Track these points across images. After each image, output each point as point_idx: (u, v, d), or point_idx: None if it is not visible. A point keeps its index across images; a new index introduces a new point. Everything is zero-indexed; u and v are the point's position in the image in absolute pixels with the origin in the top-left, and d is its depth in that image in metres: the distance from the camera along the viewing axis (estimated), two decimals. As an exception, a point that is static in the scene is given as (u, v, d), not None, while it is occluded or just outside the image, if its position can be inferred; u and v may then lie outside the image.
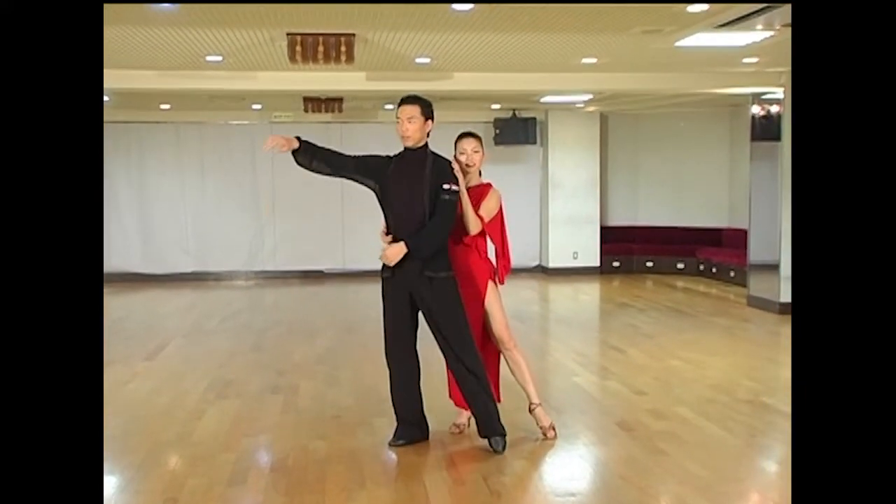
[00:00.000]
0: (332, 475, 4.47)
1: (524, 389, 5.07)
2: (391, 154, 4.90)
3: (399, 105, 4.83)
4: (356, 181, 4.90)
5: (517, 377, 5.08)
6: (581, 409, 5.82)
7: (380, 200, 4.86)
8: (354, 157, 4.89)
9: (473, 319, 4.86)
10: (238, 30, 6.53)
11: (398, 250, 4.65)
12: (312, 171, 4.85)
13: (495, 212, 5.02)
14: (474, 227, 4.89)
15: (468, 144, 5.00)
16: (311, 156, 4.79)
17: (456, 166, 4.86)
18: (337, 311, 10.66)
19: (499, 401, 4.99)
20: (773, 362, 7.47)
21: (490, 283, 4.99)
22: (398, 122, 4.79)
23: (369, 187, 4.88)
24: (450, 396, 5.15)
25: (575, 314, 10.62)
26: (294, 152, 4.77)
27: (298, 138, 4.78)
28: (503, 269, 5.14)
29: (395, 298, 4.83)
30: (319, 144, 4.86)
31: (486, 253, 5.05)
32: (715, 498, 4.14)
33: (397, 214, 4.76)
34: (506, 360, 5.08)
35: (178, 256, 13.43)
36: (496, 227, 5.07)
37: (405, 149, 4.83)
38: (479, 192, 4.99)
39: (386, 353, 4.95)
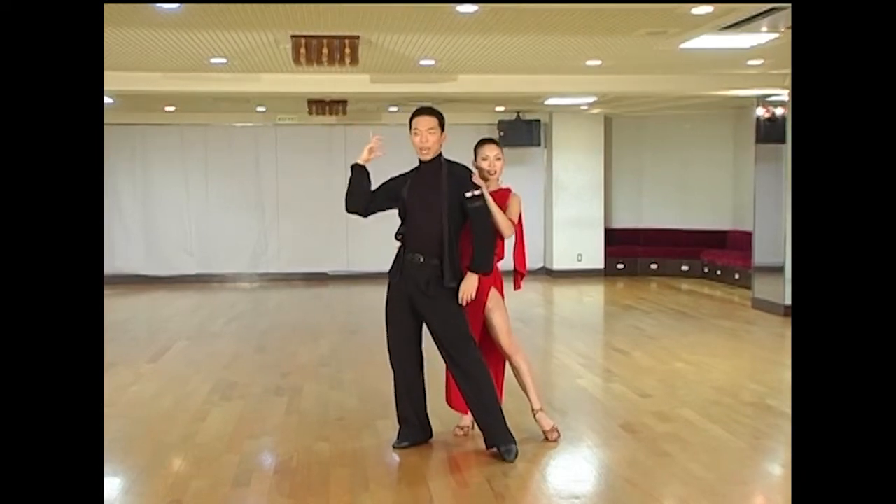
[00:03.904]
0: (335, 477, 4.47)
1: (526, 395, 5.07)
2: (405, 172, 4.88)
3: (415, 116, 4.77)
4: (388, 209, 4.92)
5: (519, 382, 5.07)
6: (585, 412, 5.81)
7: (401, 217, 4.84)
8: (378, 188, 4.91)
9: (474, 324, 4.84)
10: (242, 32, 6.54)
11: (472, 283, 4.68)
12: (352, 211, 5.01)
13: (517, 216, 5.03)
14: (507, 230, 4.90)
15: (491, 151, 4.99)
16: (358, 191, 4.88)
17: (475, 172, 4.85)
18: (341, 313, 10.67)
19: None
20: (777, 365, 7.45)
21: (492, 291, 4.93)
22: (415, 134, 4.73)
23: (397, 209, 4.88)
24: (447, 402, 5.14)
25: (579, 316, 10.60)
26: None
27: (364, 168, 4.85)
28: (520, 276, 5.17)
29: (398, 302, 4.83)
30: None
31: (498, 259, 5.01)
32: (719, 500, 4.13)
33: (415, 227, 4.72)
34: (510, 364, 5.08)
35: (181, 258, 13.45)
36: (518, 230, 5.08)
37: (421, 162, 4.80)
38: (500, 198, 4.96)
39: (389, 355, 4.95)
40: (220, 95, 10.32)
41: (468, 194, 4.68)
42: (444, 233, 4.64)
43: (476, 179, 4.78)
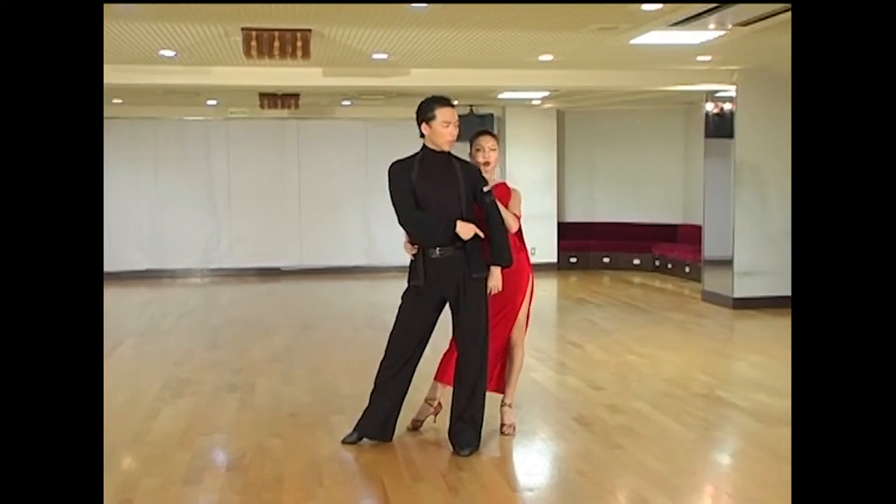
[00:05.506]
0: (289, 474, 4.44)
1: (505, 386, 5.15)
2: (401, 159, 4.79)
3: (445, 106, 4.70)
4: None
5: (505, 372, 5.16)
6: (539, 405, 5.85)
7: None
8: (406, 201, 4.71)
9: (510, 315, 5.02)
10: (192, 24, 6.45)
11: (499, 277, 4.77)
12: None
13: (520, 210, 5.10)
14: (514, 224, 4.98)
15: (487, 142, 4.99)
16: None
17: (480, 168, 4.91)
18: (294, 308, 10.60)
19: (503, 391, 5.14)
20: (726, 357, 7.58)
21: (528, 289, 5.12)
22: (446, 126, 4.68)
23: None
24: (436, 378, 5.12)
25: (532, 310, 10.62)
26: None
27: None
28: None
29: (423, 303, 4.78)
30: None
31: (528, 253, 5.15)
32: (670, 491, 4.19)
33: (438, 217, 4.67)
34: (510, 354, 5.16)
35: (132, 254, 13.24)
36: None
37: (426, 149, 4.75)
38: (500, 192, 4.99)
39: (388, 349, 4.88)
40: (170, 88, 10.18)
41: (485, 189, 4.74)
42: (462, 219, 4.66)
43: (484, 175, 4.86)
